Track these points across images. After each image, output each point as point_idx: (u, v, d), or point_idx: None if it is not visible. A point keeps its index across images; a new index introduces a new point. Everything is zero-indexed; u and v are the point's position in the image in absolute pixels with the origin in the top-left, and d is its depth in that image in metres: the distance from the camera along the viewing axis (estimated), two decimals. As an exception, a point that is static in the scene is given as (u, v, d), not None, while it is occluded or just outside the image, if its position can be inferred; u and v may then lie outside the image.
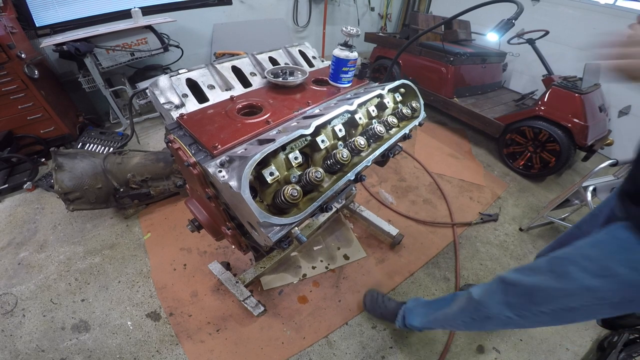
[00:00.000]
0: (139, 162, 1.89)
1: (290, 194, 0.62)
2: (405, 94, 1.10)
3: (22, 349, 1.35)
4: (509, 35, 2.76)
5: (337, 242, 1.89)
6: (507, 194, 2.42)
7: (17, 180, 2.22)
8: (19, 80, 2.18)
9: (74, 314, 1.49)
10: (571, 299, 0.76)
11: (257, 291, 1.61)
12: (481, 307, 0.98)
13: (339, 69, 1.11)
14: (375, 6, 4.74)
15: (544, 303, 0.82)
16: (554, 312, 0.80)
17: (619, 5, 3.02)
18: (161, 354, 1.35)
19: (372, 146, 0.88)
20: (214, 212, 0.92)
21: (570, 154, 2.29)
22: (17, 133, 2.34)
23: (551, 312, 0.80)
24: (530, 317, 0.86)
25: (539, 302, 0.83)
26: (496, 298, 0.94)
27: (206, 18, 3.47)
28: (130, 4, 2.84)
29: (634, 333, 1.34)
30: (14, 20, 2.34)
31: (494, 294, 0.95)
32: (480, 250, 1.92)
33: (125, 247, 1.82)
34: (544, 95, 2.41)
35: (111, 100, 2.72)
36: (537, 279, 0.85)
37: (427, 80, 3.18)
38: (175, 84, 0.95)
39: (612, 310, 0.72)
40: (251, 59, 1.18)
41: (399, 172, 2.55)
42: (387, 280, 1.69)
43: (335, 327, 1.48)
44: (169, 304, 1.53)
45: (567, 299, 0.76)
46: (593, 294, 0.72)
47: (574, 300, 0.75)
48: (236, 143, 0.80)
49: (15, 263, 1.71)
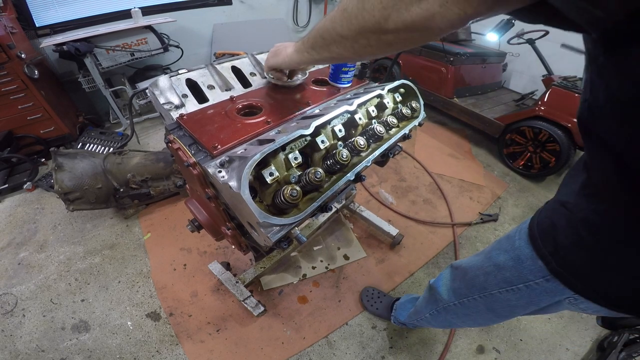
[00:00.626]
0: (139, 162, 1.89)
1: (290, 194, 0.62)
2: (405, 94, 1.10)
3: (22, 349, 1.35)
4: (509, 35, 2.76)
5: (337, 242, 1.89)
6: (507, 194, 2.42)
7: (17, 180, 2.23)
8: (19, 81, 2.18)
9: (74, 314, 1.49)
10: (489, 282, 0.76)
11: (257, 291, 1.61)
12: (436, 294, 1.00)
13: (339, 69, 1.11)
14: (375, 6, 4.75)
15: (473, 286, 0.83)
16: (482, 299, 0.80)
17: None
18: (161, 354, 1.35)
19: (372, 146, 0.88)
20: (214, 212, 0.92)
21: (570, 154, 2.29)
22: (17, 133, 2.34)
23: (480, 298, 0.81)
24: (467, 305, 0.87)
25: (471, 284, 0.84)
26: (446, 284, 0.96)
27: (206, 18, 3.47)
28: (130, 4, 2.85)
29: (634, 333, 1.34)
30: (14, 20, 2.35)
31: (444, 280, 0.98)
32: (480, 250, 1.92)
33: (125, 247, 1.82)
34: (544, 95, 2.41)
35: (111, 100, 2.72)
36: (473, 259, 0.88)
37: (427, 80, 3.18)
38: (175, 84, 0.95)
39: (527, 302, 0.69)
40: (251, 59, 1.18)
41: (399, 172, 2.55)
42: (387, 280, 1.69)
43: (335, 327, 1.48)
44: (169, 304, 1.53)
45: (486, 281, 0.76)
46: (502, 272, 0.71)
47: (491, 283, 0.75)
48: (236, 143, 0.80)
49: (15, 263, 1.71)
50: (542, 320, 1.57)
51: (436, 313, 1.03)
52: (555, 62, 2.81)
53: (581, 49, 0.40)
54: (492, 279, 0.74)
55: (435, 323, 1.10)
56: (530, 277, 0.64)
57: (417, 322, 1.21)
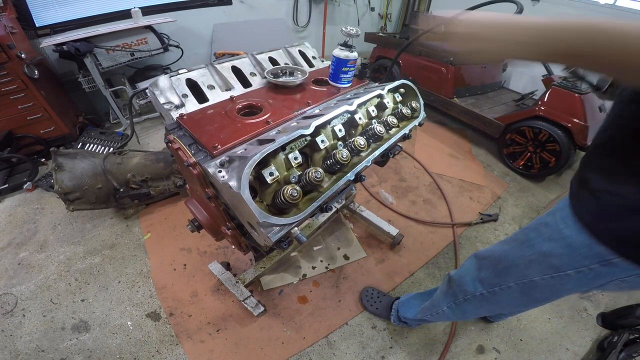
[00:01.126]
0: (139, 162, 1.89)
1: (290, 194, 0.62)
2: (405, 94, 1.10)
3: (22, 349, 1.35)
4: (509, 35, 2.75)
5: (337, 242, 1.89)
6: (507, 194, 2.42)
7: (17, 180, 2.23)
8: (19, 80, 2.18)
9: (74, 314, 1.49)
10: (531, 269, 0.76)
11: (257, 291, 1.61)
12: (458, 287, 1.00)
13: (339, 69, 1.11)
14: (375, 6, 4.74)
15: (508, 274, 0.83)
16: (519, 286, 0.81)
17: (619, 5, 3.02)
18: (161, 354, 1.35)
19: (372, 146, 0.88)
20: (214, 212, 0.92)
21: (570, 154, 2.29)
22: (17, 133, 2.34)
23: (516, 285, 0.81)
24: (499, 293, 0.87)
25: (505, 273, 0.84)
26: (471, 275, 0.96)
27: (206, 18, 3.47)
28: (130, 4, 2.85)
29: (634, 333, 1.34)
30: (14, 20, 2.34)
31: (468, 271, 0.98)
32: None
33: (125, 247, 1.82)
34: (543, 95, 2.41)
35: (111, 100, 2.72)
36: (503, 247, 0.87)
37: (427, 80, 3.18)
38: (175, 84, 0.95)
39: (574, 286, 0.70)
40: (251, 59, 1.18)
41: (399, 172, 2.55)
42: (387, 280, 1.69)
43: (335, 327, 1.48)
44: (169, 304, 1.53)
45: (528, 269, 0.77)
46: (548, 260, 0.72)
47: (534, 270, 0.76)
48: (236, 143, 0.80)
49: (15, 263, 1.71)
50: (542, 320, 1.57)
51: (455, 305, 1.04)
52: (555, 62, 2.80)
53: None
54: (535, 266, 0.76)
55: (453, 316, 1.10)
56: (585, 263, 0.65)
57: (430, 316, 1.19)
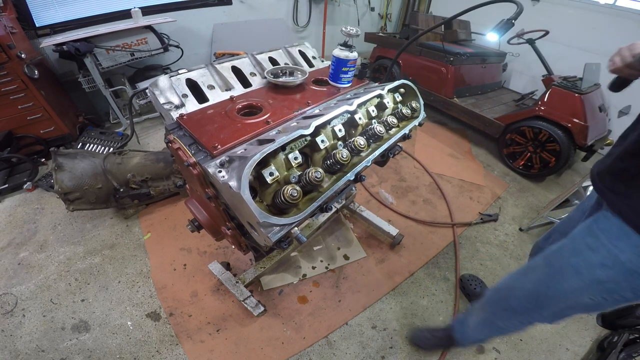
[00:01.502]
0: (139, 162, 1.89)
1: (290, 194, 0.62)
2: (405, 94, 1.10)
3: (22, 349, 1.35)
4: (509, 35, 2.76)
5: (337, 242, 1.89)
6: (507, 194, 2.42)
7: (17, 180, 2.22)
8: (19, 80, 2.18)
9: (74, 314, 1.49)
10: (580, 295, 0.76)
11: (257, 291, 1.61)
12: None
13: (339, 69, 1.11)
14: (375, 6, 4.74)
15: (549, 305, 0.83)
16: (563, 310, 0.82)
17: (618, 5, 3.02)
18: (161, 354, 1.35)
19: (372, 146, 0.88)
20: (214, 212, 0.92)
21: (570, 154, 2.29)
22: (17, 133, 2.34)
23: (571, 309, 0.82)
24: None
25: (545, 304, 0.84)
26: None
27: (206, 18, 3.47)
28: (130, 4, 2.85)
29: (634, 333, 1.34)
30: (14, 20, 2.34)
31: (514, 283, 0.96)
32: (480, 250, 1.92)
33: (125, 247, 1.82)
34: (544, 95, 2.41)
35: (111, 100, 2.72)
36: (533, 278, 0.87)
37: (427, 80, 3.18)
38: (175, 84, 0.95)
39: (624, 303, 0.72)
40: (251, 59, 1.18)
41: (399, 172, 2.55)
42: (387, 281, 1.69)
43: (335, 327, 1.48)
44: (169, 304, 1.53)
45: (575, 295, 0.77)
46: (602, 285, 0.72)
47: (583, 296, 0.75)
48: (236, 143, 0.80)
49: (15, 263, 1.71)
50: (542, 320, 1.57)
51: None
52: (555, 62, 2.81)
53: None
54: (585, 291, 0.75)
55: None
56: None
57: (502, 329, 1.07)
